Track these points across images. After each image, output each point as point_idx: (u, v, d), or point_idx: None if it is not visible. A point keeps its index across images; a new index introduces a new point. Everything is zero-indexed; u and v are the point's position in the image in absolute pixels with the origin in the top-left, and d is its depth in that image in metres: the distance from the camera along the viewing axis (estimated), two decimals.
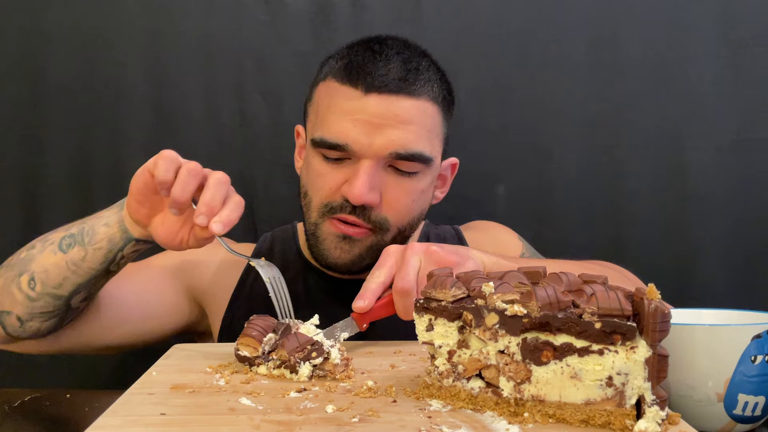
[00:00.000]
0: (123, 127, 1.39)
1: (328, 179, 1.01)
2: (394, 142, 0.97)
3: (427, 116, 1.01)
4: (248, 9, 1.39)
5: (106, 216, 0.92)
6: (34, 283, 0.90)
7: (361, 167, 0.97)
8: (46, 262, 0.91)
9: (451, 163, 1.14)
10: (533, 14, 1.39)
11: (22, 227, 1.38)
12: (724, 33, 1.37)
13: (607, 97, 1.39)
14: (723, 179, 1.37)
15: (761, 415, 0.71)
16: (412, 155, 0.98)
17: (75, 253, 0.90)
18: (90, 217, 0.93)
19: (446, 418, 0.61)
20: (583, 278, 0.65)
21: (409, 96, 0.98)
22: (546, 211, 1.39)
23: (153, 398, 0.66)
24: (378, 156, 0.97)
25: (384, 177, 1.00)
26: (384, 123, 0.97)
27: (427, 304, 0.65)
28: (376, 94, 0.97)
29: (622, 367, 0.57)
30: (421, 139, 0.99)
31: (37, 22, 1.38)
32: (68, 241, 0.91)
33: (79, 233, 0.91)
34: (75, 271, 0.90)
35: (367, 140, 0.97)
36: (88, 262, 0.90)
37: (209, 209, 0.82)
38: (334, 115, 0.99)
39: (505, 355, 0.61)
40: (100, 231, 0.90)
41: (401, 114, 0.98)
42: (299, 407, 0.63)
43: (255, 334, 0.77)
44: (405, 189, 1.01)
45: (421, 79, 1.00)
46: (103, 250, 0.90)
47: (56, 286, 0.90)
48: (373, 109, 0.97)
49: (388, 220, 1.01)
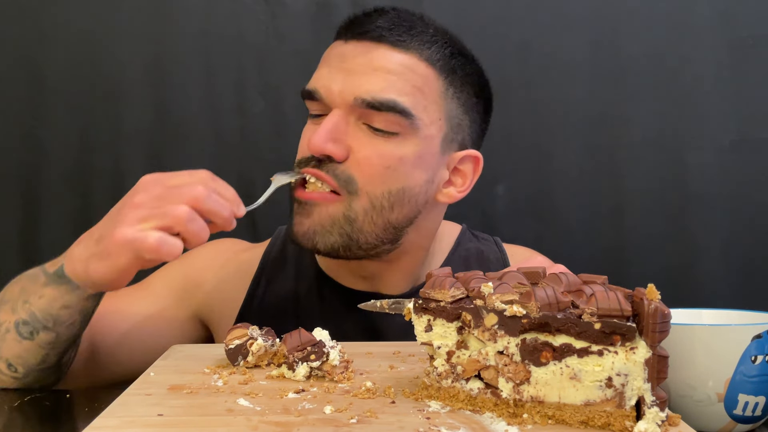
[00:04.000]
0: (123, 127, 1.39)
1: (305, 137, 0.94)
2: (360, 86, 0.88)
3: (415, 74, 0.90)
4: (248, 9, 1.39)
5: (55, 298, 0.82)
6: (14, 367, 0.85)
7: (328, 116, 0.90)
8: (15, 350, 0.84)
9: (472, 155, 0.98)
10: (533, 14, 1.39)
11: (22, 227, 1.38)
12: (724, 33, 1.37)
13: (607, 97, 1.39)
14: (723, 179, 1.37)
15: (761, 415, 0.71)
16: (381, 103, 0.87)
17: (44, 337, 0.83)
18: (31, 295, 0.83)
19: (445, 419, 0.61)
20: (582, 278, 0.65)
21: (392, 47, 0.90)
22: (546, 211, 1.39)
23: (151, 399, 0.66)
24: (345, 103, 0.89)
25: (355, 132, 0.90)
26: (356, 69, 0.89)
27: (426, 304, 0.65)
28: (355, 41, 0.91)
29: (621, 367, 0.57)
30: (396, 89, 0.88)
31: (37, 22, 1.38)
32: (27, 329, 0.83)
33: (32, 319, 0.82)
34: (53, 347, 0.84)
35: (336, 86, 0.89)
36: (64, 336, 0.84)
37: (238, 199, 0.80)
38: (318, 67, 0.95)
39: (504, 355, 0.61)
40: (62, 314, 0.82)
41: (379, 62, 0.89)
42: (297, 408, 0.63)
43: (239, 325, 0.79)
44: (378, 150, 0.89)
45: (415, 37, 0.91)
46: (77, 321, 0.84)
47: (39, 363, 0.85)
48: (348, 54, 0.91)
49: (354, 180, 0.89)
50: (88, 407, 0.81)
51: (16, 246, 1.38)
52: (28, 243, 1.38)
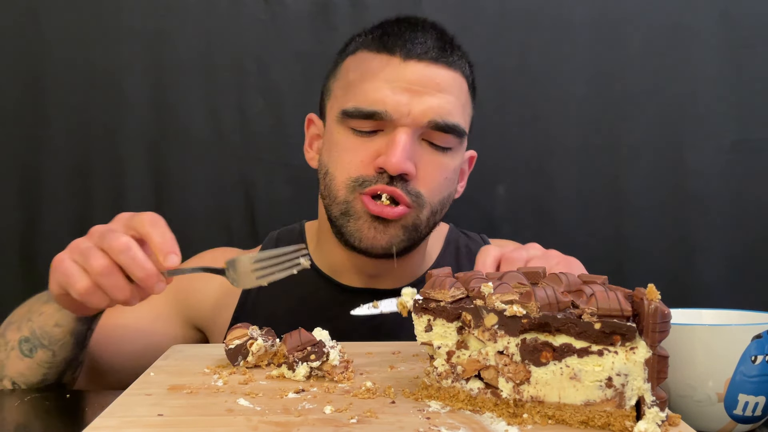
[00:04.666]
0: (123, 127, 1.39)
1: (360, 152, 0.95)
2: (432, 109, 0.93)
3: (462, 91, 0.98)
4: (248, 9, 1.39)
5: (50, 315, 0.88)
6: (17, 385, 0.90)
7: (398, 135, 0.93)
8: (18, 367, 0.89)
9: (470, 155, 1.09)
10: (533, 14, 1.39)
11: (22, 227, 1.38)
12: (724, 33, 1.37)
13: (607, 98, 1.39)
14: (723, 179, 1.37)
15: (761, 415, 0.71)
16: (448, 126, 0.95)
17: (42, 355, 0.88)
18: (34, 313, 0.89)
19: (445, 419, 0.61)
20: (582, 278, 0.65)
21: (447, 66, 0.96)
22: (546, 211, 1.39)
23: (150, 399, 0.66)
24: (416, 124, 0.93)
25: (419, 150, 0.95)
26: (423, 90, 0.94)
27: (426, 304, 0.65)
28: (416, 61, 0.94)
29: (621, 367, 0.57)
30: (457, 111, 0.96)
31: (37, 22, 1.38)
32: (27, 346, 0.88)
33: (33, 336, 0.88)
34: (50, 366, 0.89)
35: (406, 107, 0.93)
36: (60, 356, 0.89)
37: (168, 249, 0.73)
38: (370, 83, 0.95)
39: (504, 355, 0.61)
40: (55, 332, 0.87)
41: (441, 83, 0.95)
42: (297, 408, 0.63)
43: (239, 325, 0.79)
44: (439, 165, 0.97)
45: (457, 53, 0.98)
46: (70, 342, 0.88)
47: (40, 382, 0.90)
48: (412, 76, 0.94)
49: (422, 194, 0.95)
50: (88, 407, 0.81)
51: (16, 246, 1.38)
52: (28, 243, 1.38)
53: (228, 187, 1.39)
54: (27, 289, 1.37)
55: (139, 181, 1.38)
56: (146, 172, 1.39)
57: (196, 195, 1.38)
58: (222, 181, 1.39)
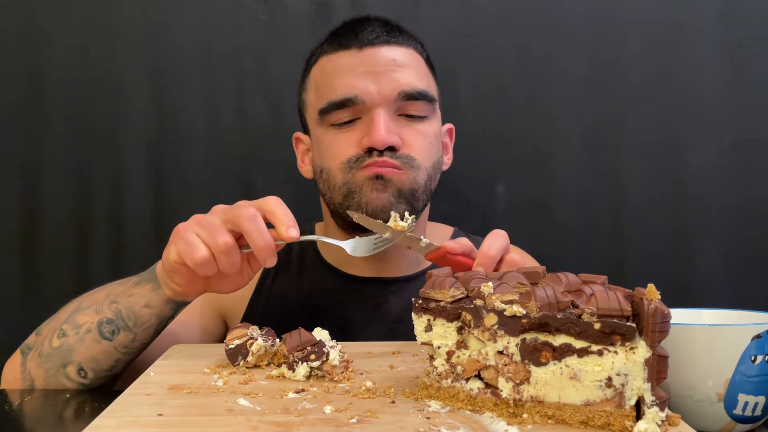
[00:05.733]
0: (123, 127, 1.39)
1: (345, 141, 1.01)
2: (399, 82, 1.00)
3: (420, 63, 1.06)
4: (248, 9, 1.39)
5: (141, 295, 0.88)
6: (84, 372, 0.88)
7: (375, 115, 0.99)
8: (91, 351, 0.88)
9: (448, 128, 1.16)
10: (533, 14, 1.39)
11: (22, 227, 1.38)
12: (724, 33, 1.37)
13: (607, 98, 1.39)
14: (723, 179, 1.37)
15: (761, 415, 0.71)
16: (418, 93, 1.01)
17: (123, 338, 0.88)
18: (120, 295, 0.90)
19: (445, 419, 0.61)
20: (582, 278, 0.65)
21: (399, 45, 1.04)
22: (546, 212, 1.39)
23: (151, 399, 0.66)
24: (388, 100, 1.00)
25: (398, 124, 1.02)
26: (385, 69, 1.01)
27: (426, 304, 0.65)
28: (370, 47, 1.02)
29: (621, 367, 0.57)
30: (422, 80, 1.04)
31: (37, 22, 1.38)
32: (109, 328, 0.88)
33: (117, 317, 0.88)
34: (126, 352, 0.89)
35: (374, 87, 1.00)
36: (139, 340, 0.89)
37: (291, 223, 0.81)
38: (335, 78, 1.02)
39: (504, 355, 0.61)
40: (143, 313, 0.88)
41: (398, 58, 1.03)
42: (297, 408, 0.63)
43: (239, 325, 0.80)
44: (419, 132, 1.03)
45: (404, 34, 1.06)
46: (153, 326, 0.89)
47: (109, 368, 0.89)
48: (371, 59, 1.01)
49: (413, 158, 1.01)
50: (88, 407, 0.81)
51: (16, 246, 1.38)
52: (28, 243, 1.38)
53: (228, 187, 1.39)
54: (27, 289, 1.38)
55: (139, 181, 1.38)
56: (146, 172, 1.39)
57: (196, 195, 1.38)
58: (222, 181, 1.39)
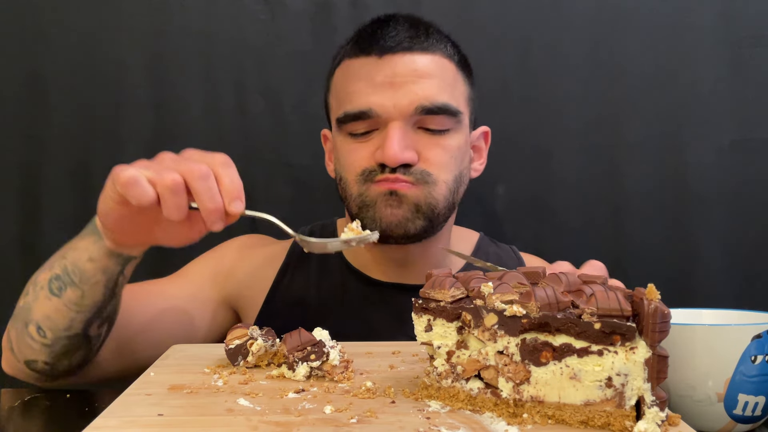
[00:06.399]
0: (123, 127, 1.38)
1: (360, 152, 0.99)
2: (417, 96, 0.96)
3: (447, 71, 1.00)
4: (248, 9, 1.39)
5: (84, 248, 0.84)
6: (42, 331, 0.85)
7: (390, 129, 0.95)
8: (44, 308, 0.85)
9: (483, 131, 1.12)
10: (533, 14, 1.39)
11: (22, 227, 1.38)
12: (724, 33, 1.37)
13: (607, 98, 1.38)
14: (723, 179, 1.37)
15: (761, 415, 0.71)
16: (438, 107, 0.97)
17: (70, 294, 0.84)
18: (67, 249, 0.86)
19: (445, 419, 0.61)
20: (582, 278, 0.65)
21: (424, 52, 0.98)
22: (546, 211, 1.39)
23: (151, 399, 0.66)
24: (404, 114, 0.96)
25: (416, 138, 0.97)
26: (404, 81, 0.96)
27: (426, 304, 0.65)
28: (390, 54, 0.97)
29: (621, 367, 0.57)
30: (444, 92, 0.98)
31: (37, 22, 1.38)
32: (57, 284, 0.84)
33: (63, 273, 0.84)
34: (78, 310, 0.84)
35: (390, 101, 0.95)
36: (88, 298, 0.84)
37: (236, 195, 0.74)
38: (353, 87, 0.98)
39: (504, 355, 0.61)
40: (87, 268, 0.83)
41: (420, 69, 0.97)
42: (297, 408, 0.63)
43: (239, 325, 0.79)
44: (441, 146, 0.98)
45: (432, 37, 1.00)
46: (101, 282, 0.84)
47: (66, 328, 0.85)
48: (390, 69, 0.96)
49: (430, 173, 0.97)
50: (88, 407, 0.81)
51: (16, 246, 1.38)
52: (28, 243, 1.38)
53: None
54: None
55: None
56: None
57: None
58: None
